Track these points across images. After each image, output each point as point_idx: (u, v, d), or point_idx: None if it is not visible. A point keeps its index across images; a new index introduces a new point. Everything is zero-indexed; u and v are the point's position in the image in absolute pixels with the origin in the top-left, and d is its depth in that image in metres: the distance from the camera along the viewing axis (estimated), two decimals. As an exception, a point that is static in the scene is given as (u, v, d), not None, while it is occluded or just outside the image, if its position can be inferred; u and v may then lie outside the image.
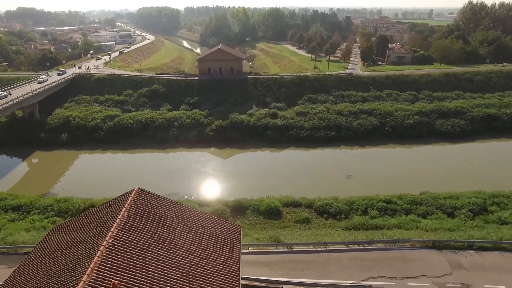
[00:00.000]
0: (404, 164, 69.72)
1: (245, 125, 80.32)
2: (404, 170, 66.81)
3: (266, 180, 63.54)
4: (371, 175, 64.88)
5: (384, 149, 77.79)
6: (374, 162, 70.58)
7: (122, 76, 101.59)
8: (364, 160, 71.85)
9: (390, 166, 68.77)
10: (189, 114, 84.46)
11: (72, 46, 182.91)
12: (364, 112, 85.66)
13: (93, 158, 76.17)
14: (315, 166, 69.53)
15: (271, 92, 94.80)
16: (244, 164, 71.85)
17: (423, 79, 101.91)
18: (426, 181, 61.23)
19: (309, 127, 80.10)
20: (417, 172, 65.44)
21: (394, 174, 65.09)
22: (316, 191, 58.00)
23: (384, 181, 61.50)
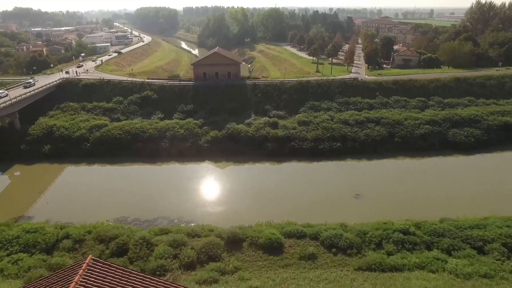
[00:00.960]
0: (417, 180, 63.48)
1: (242, 136, 74.11)
2: (417, 187, 60.61)
3: (266, 199, 57.46)
4: (381, 193, 58.80)
5: (394, 162, 71.68)
6: (384, 178, 64.42)
7: (112, 82, 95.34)
8: (372, 176, 65.67)
9: (402, 183, 62.57)
10: (182, 123, 78.23)
11: (65, 48, 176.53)
12: (371, 121, 79.50)
13: (78, 172, 69.88)
14: (320, 182, 63.43)
15: (270, 99, 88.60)
16: (241, 180, 65.65)
17: (432, 84, 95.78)
18: (443, 202, 55.24)
19: (312, 138, 73.91)
20: (432, 190, 59.29)
21: (406, 192, 58.95)
22: (322, 215, 52.08)
23: (397, 202, 55.50)
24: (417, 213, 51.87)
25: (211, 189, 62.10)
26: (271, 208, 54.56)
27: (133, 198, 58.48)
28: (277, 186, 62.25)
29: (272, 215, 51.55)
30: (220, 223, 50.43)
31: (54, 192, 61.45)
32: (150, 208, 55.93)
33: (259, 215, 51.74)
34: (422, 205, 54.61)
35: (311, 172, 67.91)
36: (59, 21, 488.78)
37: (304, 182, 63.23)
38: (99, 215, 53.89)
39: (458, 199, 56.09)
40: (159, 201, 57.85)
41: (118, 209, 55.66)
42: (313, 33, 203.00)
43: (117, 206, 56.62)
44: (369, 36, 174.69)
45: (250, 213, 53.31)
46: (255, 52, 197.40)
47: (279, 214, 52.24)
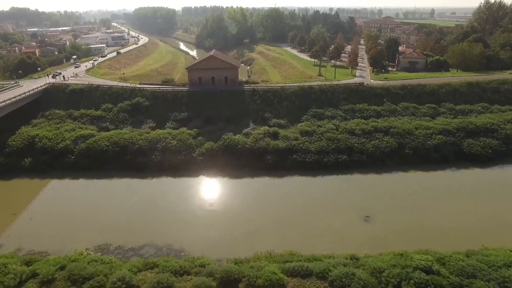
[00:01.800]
0: (432, 198, 57.60)
1: (240, 148, 68.13)
2: (433, 207, 54.77)
3: (265, 221, 51.62)
4: (393, 215, 52.96)
5: (405, 176, 65.81)
6: (395, 196, 58.50)
7: (101, 87, 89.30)
8: (382, 193, 59.74)
9: (416, 202, 56.63)
10: (175, 134, 72.22)
11: (58, 50, 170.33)
12: (379, 131, 73.58)
13: (60, 189, 63.77)
14: (324, 200, 57.57)
15: (270, 106, 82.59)
16: (238, 198, 59.65)
17: (443, 90, 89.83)
18: (464, 225, 49.52)
19: (316, 150, 67.94)
20: (450, 210, 53.51)
21: (421, 213, 53.09)
22: (328, 242, 46.64)
23: (412, 226, 49.68)
24: (436, 239, 46.34)
25: (204, 208, 56.08)
26: (271, 233, 48.79)
27: (119, 219, 52.73)
28: (277, 205, 56.37)
29: (272, 242, 45.98)
30: (214, 252, 44.88)
31: (32, 213, 55.50)
32: (136, 232, 50.22)
33: (258, 242, 46.15)
34: (440, 229, 48.82)
35: (315, 189, 61.95)
36: (56, 21, 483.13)
37: (307, 201, 57.31)
38: (79, 241, 48.30)
39: (481, 222, 50.33)
40: (147, 223, 52.05)
41: (101, 233, 49.89)
42: (314, 33, 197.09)
43: (101, 229, 50.85)
44: (373, 37, 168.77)
45: (247, 239, 47.57)
46: (254, 53, 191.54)
47: (280, 241, 46.70)
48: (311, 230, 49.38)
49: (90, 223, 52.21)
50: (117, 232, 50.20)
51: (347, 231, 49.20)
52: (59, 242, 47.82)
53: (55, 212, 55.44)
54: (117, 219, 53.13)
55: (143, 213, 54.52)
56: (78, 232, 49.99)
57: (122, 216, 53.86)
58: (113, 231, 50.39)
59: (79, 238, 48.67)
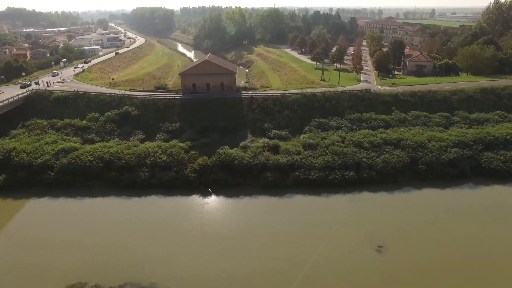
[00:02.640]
0: (451, 220, 51.54)
1: (237, 163, 61.76)
2: (454, 232, 48.85)
3: (263, 255, 45.32)
4: (410, 243, 46.83)
5: (419, 195, 59.50)
6: (410, 219, 52.34)
7: (87, 94, 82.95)
8: (395, 215, 53.64)
9: (434, 225, 50.65)
10: (165, 147, 65.87)
11: (50, 52, 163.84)
12: (389, 143, 67.32)
13: (37, 209, 57.47)
14: (330, 224, 51.32)
15: (270, 115, 76.24)
16: (233, 221, 53.33)
17: (455, 96, 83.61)
18: (495, 254, 43.41)
19: (321, 166, 61.63)
20: (475, 236, 47.47)
21: (442, 241, 47.03)
22: (334, 280, 40.25)
23: (434, 260, 43.36)
24: (462, 275, 40.14)
25: (197, 235, 49.73)
26: (270, 272, 42.35)
27: (99, 248, 46.50)
28: (276, 230, 50.15)
29: (268, 283, 39.88)
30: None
31: (2, 239, 49.29)
32: (117, 266, 44.10)
33: (256, 277, 40.02)
34: (467, 259, 42.87)
35: (319, 210, 55.63)
36: (53, 21, 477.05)
37: (310, 225, 51.05)
38: (50, 278, 42.07)
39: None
40: (130, 253, 45.88)
41: (77, 267, 43.81)
42: (314, 35, 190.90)
43: (77, 262, 44.79)
44: (376, 39, 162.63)
45: (241, 282, 41.21)
46: (253, 55, 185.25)
47: (280, 284, 40.42)
48: (316, 265, 43.06)
49: (66, 253, 46.17)
50: (96, 266, 44.11)
51: (357, 266, 42.92)
52: (26, 280, 41.64)
53: (26, 239, 49.19)
54: (97, 248, 46.94)
55: (127, 241, 48.42)
56: (51, 266, 43.84)
57: (103, 244, 47.78)
58: (91, 265, 44.31)
59: (52, 273, 42.61)
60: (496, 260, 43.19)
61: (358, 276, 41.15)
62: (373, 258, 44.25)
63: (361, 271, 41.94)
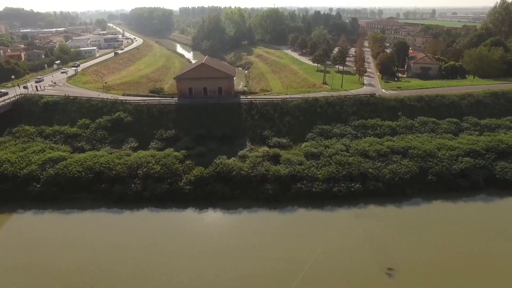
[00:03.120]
0: (466, 237, 47.91)
1: (235, 175, 57.90)
2: (468, 250, 45.04)
3: (262, 273, 41.47)
4: (423, 265, 42.96)
5: (429, 208, 55.75)
6: (422, 236, 48.60)
7: (79, 99, 79.04)
8: (406, 231, 49.92)
9: (449, 243, 46.95)
10: (159, 156, 61.98)
11: (45, 53, 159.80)
12: (396, 152, 63.49)
13: (22, 224, 53.56)
14: (334, 242, 47.62)
15: (270, 121, 72.37)
16: (231, 238, 49.52)
17: (464, 101, 79.81)
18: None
19: (324, 178, 57.78)
20: (488, 254, 43.61)
21: (458, 262, 43.19)
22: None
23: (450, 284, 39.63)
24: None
25: (192, 252, 45.93)
26: None
27: (84, 273, 42.72)
28: (277, 248, 46.50)
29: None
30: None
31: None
32: (107, 286, 40.38)
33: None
34: (480, 277, 39.02)
35: (324, 226, 51.74)
36: (51, 22, 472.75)
37: (313, 242, 47.27)
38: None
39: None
40: (121, 273, 42.46)
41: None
42: (315, 35, 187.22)
43: (64, 281, 41.23)
44: (378, 40, 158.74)
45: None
46: (253, 56, 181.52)
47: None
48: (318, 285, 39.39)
49: (52, 272, 42.96)
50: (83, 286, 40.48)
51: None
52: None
53: (13, 255, 45.67)
54: (85, 268, 43.49)
55: (117, 259, 44.93)
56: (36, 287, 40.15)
57: (91, 263, 44.36)
58: (78, 285, 40.69)
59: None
60: None
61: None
62: (384, 283, 40.44)
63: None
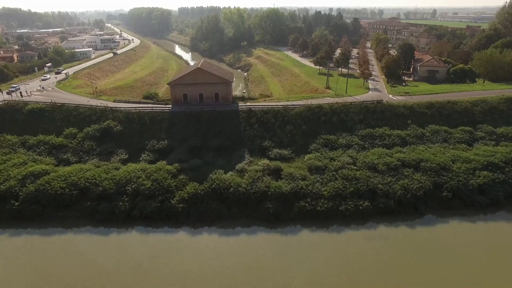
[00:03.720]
0: (486, 262, 42.85)
1: (232, 192, 52.91)
2: (491, 277, 40.06)
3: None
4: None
5: (446, 229, 50.72)
6: (437, 260, 43.64)
7: (66, 106, 74.02)
8: (420, 256, 44.95)
9: (469, 266, 42.20)
10: (150, 171, 56.98)
11: (38, 54, 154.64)
12: (408, 165, 58.52)
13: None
14: (343, 269, 42.69)
15: (271, 131, 67.35)
16: (227, 263, 44.52)
17: (477, 108, 74.86)
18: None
19: (330, 195, 52.82)
20: None
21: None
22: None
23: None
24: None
25: (181, 283, 40.99)
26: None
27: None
28: (278, 275, 41.40)
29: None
30: None
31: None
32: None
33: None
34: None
35: (329, 249, 46.83)
36: (48, 22, 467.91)
37: (319, 269, 42.36)
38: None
39: None
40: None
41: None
42: (316, 36, 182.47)
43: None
44: (382, 41, 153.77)
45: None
46: (252, 58, 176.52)
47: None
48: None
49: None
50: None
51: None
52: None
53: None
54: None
55: (102, 285, 40.20)
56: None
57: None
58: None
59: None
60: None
61: None
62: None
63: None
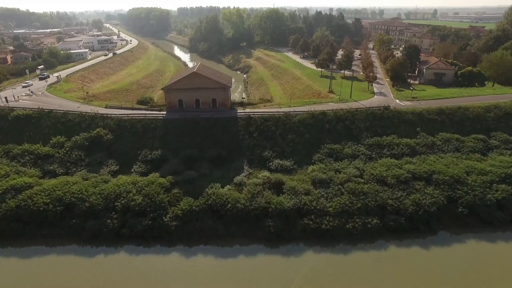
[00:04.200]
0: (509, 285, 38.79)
1: (230, 208, 48.73)
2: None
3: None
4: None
5: (461, 247, 46.75)
6: (455, 285, 39.55)
7: (54, 113, 69.81)
8: (435, 281, 40.68)
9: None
10: (142, 184, 52.77)
11: (32, 56, 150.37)
12: (419, 178, 54.37)
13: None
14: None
15: (272, 140, 63.12)
16: (224, 286, 40.56)
17: (490, 114, 70.72)
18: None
19: (336, 211, 48.65)
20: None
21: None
22: None
23: None
24: None
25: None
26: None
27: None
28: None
29: None
30: None
31: None
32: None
33: None
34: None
35: (336, 272, 42.73)
36: (46, 22, 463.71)
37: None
38: None
39: None
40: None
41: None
42: (317, 37, 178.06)
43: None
44: (385, 42, 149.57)
45: None
46: (252, 59, 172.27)
47: None
48: None
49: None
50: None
51: None
52: None
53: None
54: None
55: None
56: None
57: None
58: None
59: None
60: None
61: None
62: None
63: None
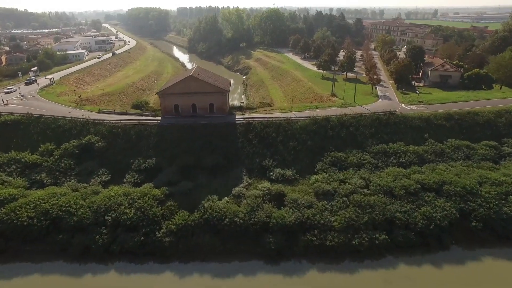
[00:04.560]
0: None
1: (227, 223, 45.50)
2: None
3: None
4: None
5: (475, 265, 43.59)
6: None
7: (44, 118, 66.50)
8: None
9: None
10: (134, 195, 49.54)
11: (27, 57, 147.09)
12: (428, 189, 51.15)
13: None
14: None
15: (272, 147, 59.85)
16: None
17: (501, 119, 67.57)
18: None
19: (341, 226, 45.45)
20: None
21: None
22: None
23: None
24: None
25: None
26: None
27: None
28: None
29: None
30: None
31: None
32: None
33: None
34: None
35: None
36: (44, 22, 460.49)
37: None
38: None
39: None
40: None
41: None
42: (318, 37, 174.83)
43: None
44: (387, 43, 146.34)
45: None
46: (252, 60, 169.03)
47: None
48: None
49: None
50: None
51: None
52: None
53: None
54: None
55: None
56: None
57: None
58: None
59: None
60: None
61: None
62: None
63: None
